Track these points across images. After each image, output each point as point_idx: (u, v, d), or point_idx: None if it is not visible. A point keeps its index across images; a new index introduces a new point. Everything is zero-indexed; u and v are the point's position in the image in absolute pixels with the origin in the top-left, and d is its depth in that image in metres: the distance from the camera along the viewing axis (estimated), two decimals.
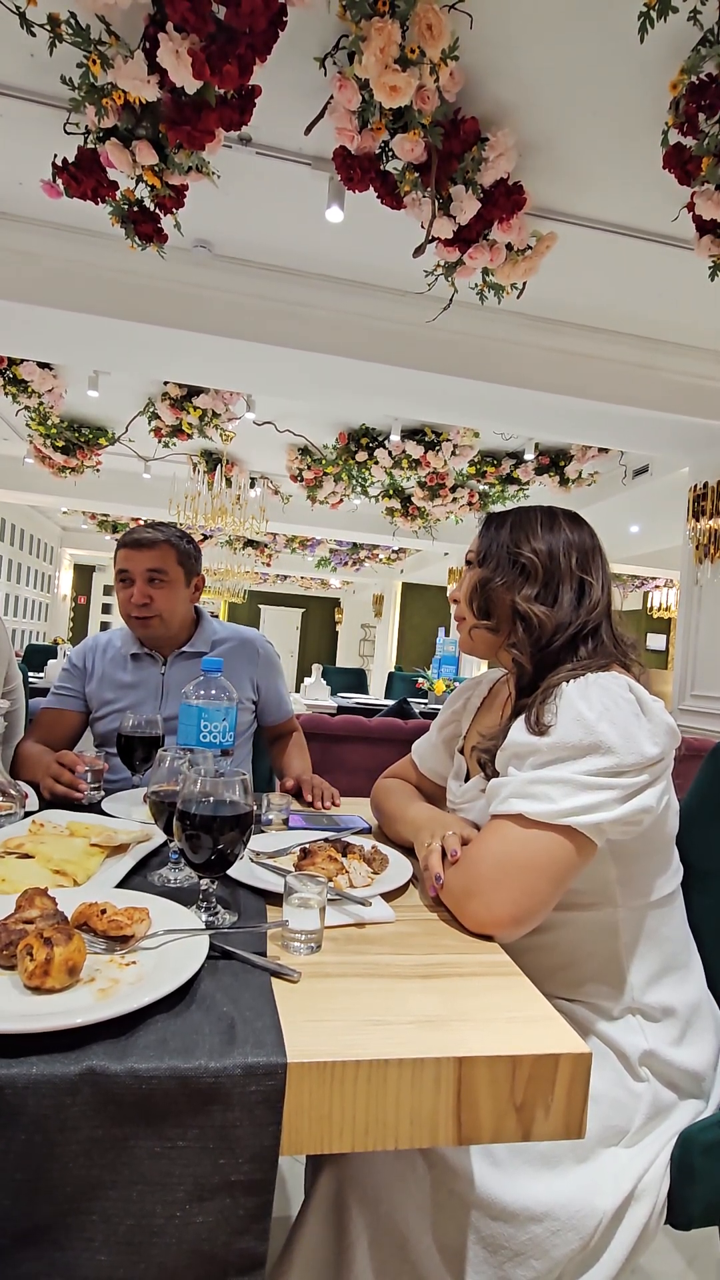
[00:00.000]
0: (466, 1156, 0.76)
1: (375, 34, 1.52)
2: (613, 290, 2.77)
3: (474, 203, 1.91)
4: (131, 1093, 0.52)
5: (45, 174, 1.90)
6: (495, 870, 0.81)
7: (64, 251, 2.63)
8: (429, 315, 2.56)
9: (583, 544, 1.00)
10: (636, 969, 0.90)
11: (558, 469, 4.99)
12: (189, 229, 2.34)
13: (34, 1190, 0.50)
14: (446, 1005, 0.67)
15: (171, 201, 1.92)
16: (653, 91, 1.78)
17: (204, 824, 0.76)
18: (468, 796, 1.06)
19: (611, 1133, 0.82)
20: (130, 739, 1.23)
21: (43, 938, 0.62)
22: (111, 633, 1.70)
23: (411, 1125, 0.58)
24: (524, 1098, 0.60)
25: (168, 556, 1.54)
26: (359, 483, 5.22)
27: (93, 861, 0.93)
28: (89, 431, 5.05)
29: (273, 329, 2.84)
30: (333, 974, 0.71)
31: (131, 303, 2.71)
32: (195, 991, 0.64)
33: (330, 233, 2.41)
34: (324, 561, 9.17)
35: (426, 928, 0.84)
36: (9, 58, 1.83)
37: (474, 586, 1.03)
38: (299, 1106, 0.56)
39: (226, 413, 4.34)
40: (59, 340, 3.05)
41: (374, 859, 0.98)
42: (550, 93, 1.85)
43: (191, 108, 1.61)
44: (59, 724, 1.60)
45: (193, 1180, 0.52)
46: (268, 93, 1.69)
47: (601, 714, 0.82)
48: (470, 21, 1.63)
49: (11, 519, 8.33)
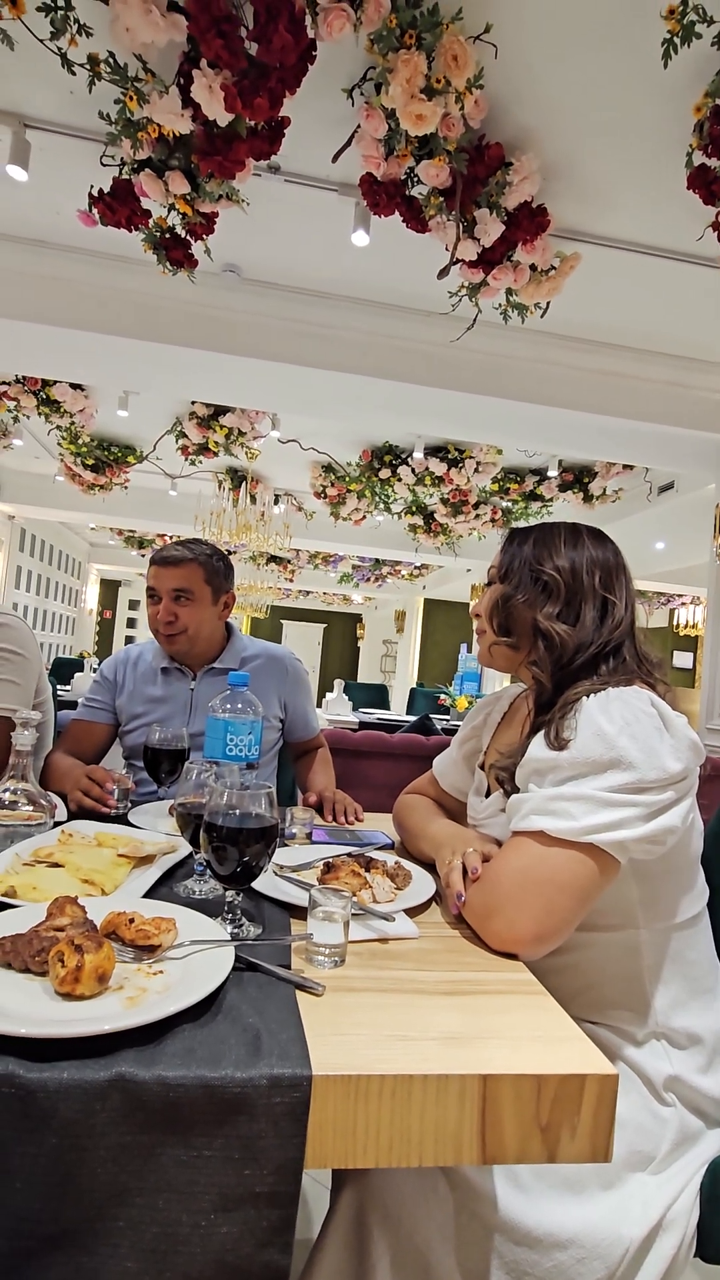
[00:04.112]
0: (490, 1179, 0.75)
1: (402, 65, 1.56)
2: (638, 308, 2.78)
3: (498, 225, 1.94)
4: (159, 1100, 0.53)
5: (82, 204, 1.98)
6: (517, 888, 0.81)
7: (97, 277, 2.72)
8: (453, 335, 2.59)
9: (606, 561, 0.99)
10: (661, 993, 0.88)
11: (582, 485, 4.98)
12: (218, 254, 2.41)
13: (63, 1194, 0.51)
14: (471, 1022, 0.67)
15: (202, 228, 1.98)
16: (676, 114, 1.80)
17: (230, 836, 0.77)
18: (488, 812, 1.06)
19: (638, 1159, 0.80)
20: (156, 752, 1.25)
21: (73, 945, 0.63)
22: (142, 646, 1.70)
23: (436, 1143, 0.58)
24: (549, 1118, 0.60)
25: (194, 575, 1.55)
26: (382, 499, 5.26)
27: (120, 872, 0.94)
28: (118, 450, 5.17)
29: (299, 350, 2.89)
30: (357, 988, 0.72)
31: (162, 325, 2.79)
32: (221, 1002, 0.65)
33: (356, 256, 2.46)
34: (346, 577, 9.22)
35: (450, 944, 0.84)
36: (50, 96, 1.92)
37: (495, 603, 1.03)
38: (323, 1120, 0.56)
39: (252, 431, 4.42)
40: (91, 362, 3.14)
41: (397, 874, 0.99)
42: (574, 117, 1.88)
43: (223, 139, 1.67)
44: (89, 736, 1.62)
45: (218, 1190, 0.53)
46: (296, 122, 1.74)
47: (622, 729, 0.81)
48: (495, 51, 1.67)
49: (41, 535, 8.52)
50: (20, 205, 2.44)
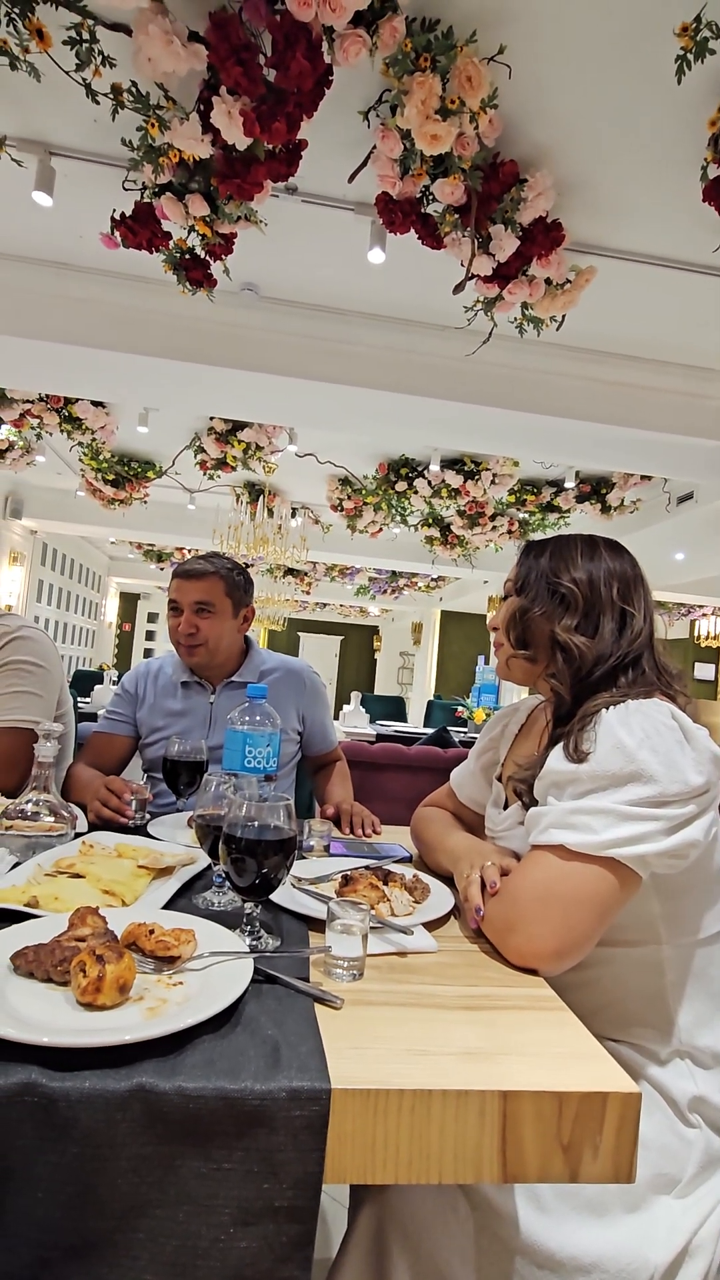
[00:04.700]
0: (511, 1199, 0.74)
1: (417, 88, 1.59)
2: (654, 320, 2.78)
3: (513, 241, 1.95)
4: (179, 1111, 0.53)
5: (104, 227, 2.02)
6: (536, 903, 0.80)
7: (119, 298, 2.78)
8: (469, 349, 2.61)
9: (624, 573, 0.99)
10: (685, 1010, 0.87)
11: (599, 496, 4.96)
12: (237, 273, 2.45)
13: (84, 1205, 0.51)
14: (490, 1038, 0.66)
15: (221, 249, 2.02)
16: (690, 128, 1.81)
17: (249, 848, 0.77)
18: (507, 825, 1.05)
19: (663, 1181, 0.79)
20: (175, 763, 1.26)
21: (95, 955, 0.64)
22: (163, 659, 1.73)
23: (455, 1160, 0.58)
24: (571, 1137, 0.59)
25: (215, 588, 1.58)
26: (398, 512, 5.28)
27: (140, 883, 0.95)
28: (138, 465, 5.25)
29: (316, 365, 2.93)
30: (375, 1002, 0.71)
31: (181, 344, 2.84)
32: (240, 1014, 0.65)
33: (371, 273, 2.49)
34: (363, 589, 9.24)
35: (469, 959, 0.83)
36: (74, 124, 1.97)
37: (512, 615, 1.03)
38: (342, 1134, 0.56)
39: (269, 445, 4.47)
40: (113, 380, 3.20)
41: (415, 888, 0.98)
42: (588, 133, 1.90)
43: (242, 162, 1.70)
44: (110, 748, 1.64)
45: (237, 1204, 0.53)
46: (313, 145, 1.78)
47: (642, 741, 0.81)
48: (509, 72, 1.69)
49: (62, 549, 8.65)
50: (45, 230, 2.51)
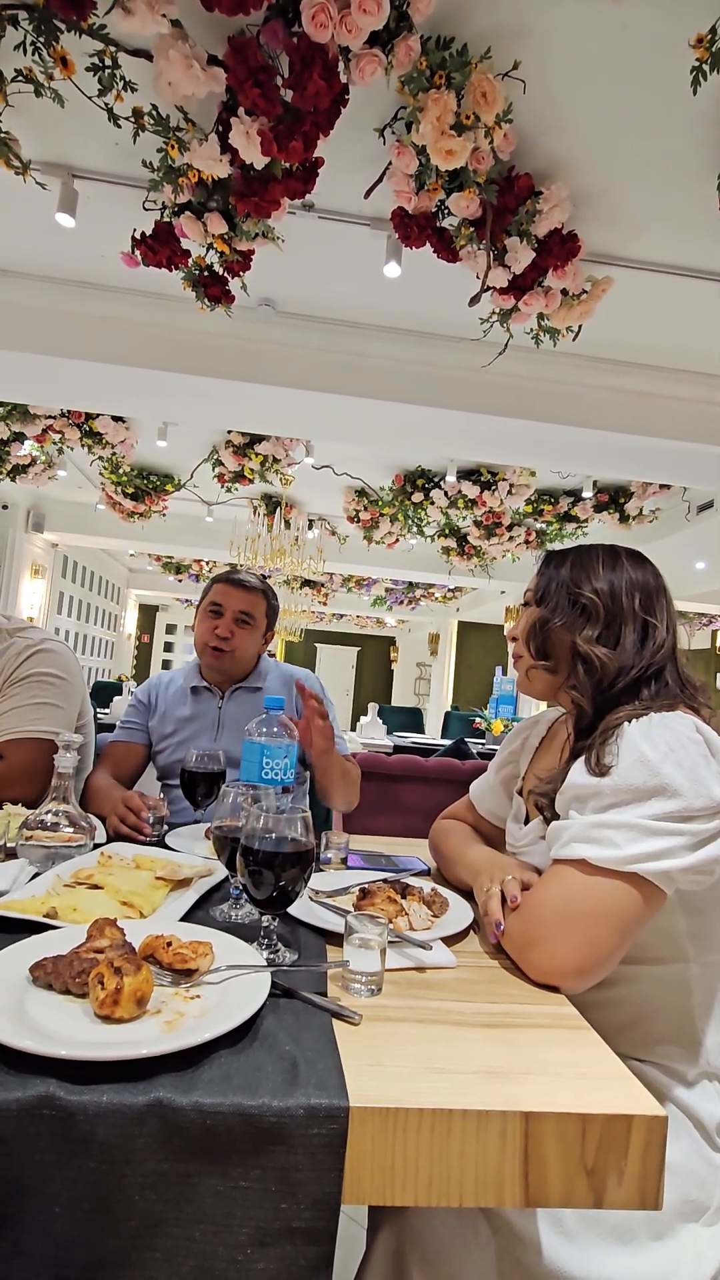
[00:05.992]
0: (534, 1224, 0.72)
1: (432, 104, 1.60)
2: (672, 329, 2.77)
3: (528, 253, 1.95)
4: (197, 1127, 0.52)
5: (125, 246, 2.06)
6: (557, 918, 0.79)
7: (139, 315, 2.83)
8: (485, 360, 2.61)
9: (645, 583, 0.98)
10: (713, 1030, 0.85)
11: (617, 506, 4.92)
12: (254, 289, 2.48)
13: (100, 1222, 0.51)
14: (511, 1057, 0.65)
15: (239, 265, 2.04)
16: (707, 139, 1.81)
17: (267, 860, 0.77)
18: (527, 839, 1.04)
19: (690, 1208, 0.77)
20: (193, 774, 1.26)
21: (113, 967, 0.64)
22: (175, 671, 1.80)
23: (476, 1182, 0.56)
24: (595, 1161, 0.57)
25: (259, 604, 1.69)
26: (415, 523, 5.28)
27: (158, 895, 0.95)
28: (157, 479, 5.31)
29: (333, 379, 2.95)
30: (394, 1018, 0.70)
31: (200, 359, 2.88)
32: (258, 1029, 0.65)
33: (388, 286, 2.50)
34: (380, 600, 9.24)
35: (488, 975, 0.82)
36: (96, 147, 2.02)
37: (532, 626, 1.02)
38: (361, 1153, 0.55)
39: (286, 458, 4.50)
40: (133, 395, 3.25)
41: (433, 901, 0.97)
42: (603, 145, 1.90)
43: (259, 181, 1.73)
44: (126, 756, 1.68)
45: (255, 1224, 0.52)
46: (329, 162, 1.80)
47: (666, 755, 0.79)
48: (524, 87, 1.70)
49: (82, 561, 8.76)
50: (67, 250, 2.56)
